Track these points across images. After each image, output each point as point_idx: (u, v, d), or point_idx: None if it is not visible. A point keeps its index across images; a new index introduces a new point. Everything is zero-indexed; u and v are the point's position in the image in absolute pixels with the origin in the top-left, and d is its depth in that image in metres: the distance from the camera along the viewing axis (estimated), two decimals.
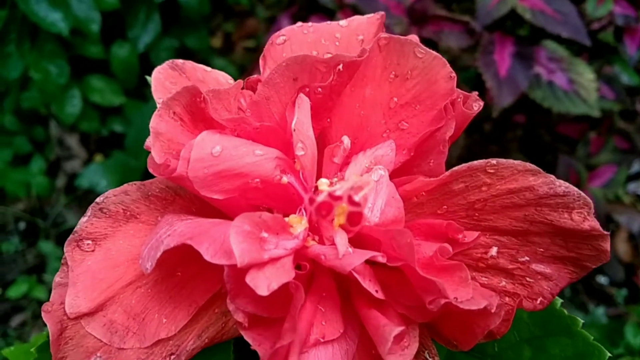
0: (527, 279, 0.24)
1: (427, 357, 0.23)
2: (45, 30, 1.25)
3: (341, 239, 0.22)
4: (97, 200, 0.25)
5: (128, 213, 0.25)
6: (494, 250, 0.24)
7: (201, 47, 1.48)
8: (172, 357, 0.23)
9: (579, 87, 0.83)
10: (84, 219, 0.25)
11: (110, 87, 1.41)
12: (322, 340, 0.22)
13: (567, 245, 0.24)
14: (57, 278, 0.25)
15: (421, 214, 0.25)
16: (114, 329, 0.24)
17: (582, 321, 0.29)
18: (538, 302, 0.24)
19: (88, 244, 0.25)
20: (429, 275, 0.20)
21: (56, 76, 1.30)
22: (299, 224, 0.22)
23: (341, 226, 0.22)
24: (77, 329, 0.24)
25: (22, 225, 1.65)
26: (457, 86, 0.25)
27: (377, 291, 0.21)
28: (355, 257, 0.21)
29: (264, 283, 0.20)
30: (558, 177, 0.77)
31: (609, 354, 0.28)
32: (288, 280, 0.20)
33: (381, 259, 0.21)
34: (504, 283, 0.24)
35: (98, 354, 0.24)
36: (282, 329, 0.21)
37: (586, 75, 0.83)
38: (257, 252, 0.20)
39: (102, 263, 0.24)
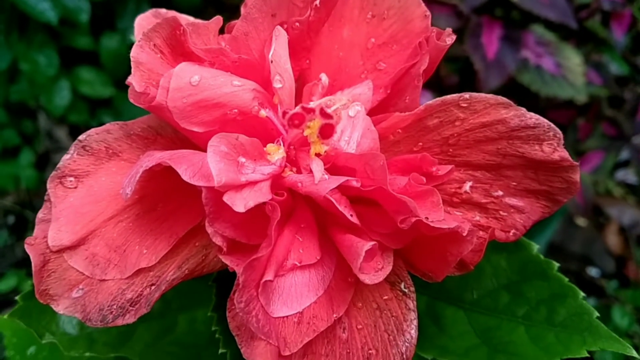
0: (501, 212, 0.25)
1: (403, 288, 0.24)
2: (35, 21, 1.26)
3: (317, 166, 0.22)
4: (80, 137, 0.26)
5: (110, 151, 0.26)
6: (467, 185, 0.25)
7: None
8: (153, 287, 0.24)
9: (566, 71, 0.84)
10: (66, 156, 0.25)
11: (99, 79, 1.41)
12: (298, 264, 0.22)
13: (538, 178, 0.24)
14: (40, 214, 0.25)
15: (398, 152, 0.26)
16: (96, 261, 0.24)
17: (558, 264, 0.30)
18: (511, 234, 0.25)
19: (71, 181, 0.25)
20: (401, 195, 0.21)
21: (45, 67, 1.30)
22: (276, 152, 0.22)
23: (317, 155, 0.23)
24: (59, 262, 0.24)
25: (11, 219, 1.64)
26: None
27: (352, 215, 0.22)
28: (330, 181, 0.22)
29: (240, 201, 0.20)
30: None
31: (582, 294, 0.28)
32: (265, 200, 0.21)
33: (355, 183, 0.22)
34: (478, 217, 0.25)
35: (80, 287, 0.24)
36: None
37: (573, 60, 0.84)
38: (234, 174, 0.21)
39: (85, 199, 0.25)
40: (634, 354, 0.26)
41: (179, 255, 0.24)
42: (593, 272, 1.57)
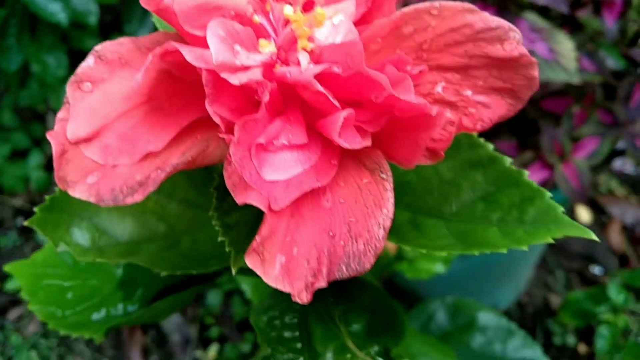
0: (470, 109, 0.28)
1: (381, 174, 0.27)
2: (45, 23, 1.30)
3: (304, 57, 0.25)
4: (96, 48, 0.29)
5: (123, 61, 0.29)
6: (440, 86, 0.28)
7: None
8: (159, 170, 0.27)
9: (559, 56, 0.87)
10: (84, 63, 0.29)
11: None
12: (287, 144, 0.25)
13: (502, 77, 0.27)
14: (59, 114, 0.29)
15: (378, 61, 0.29)
16: (109, 151, 0.27)
17: (528, 172, 0.32)
18: (478, 125, 0.27)
19: (87, 85, 0.29)
20: (376, 73, 0.24)
21: (55, 68, 1.35)
22: (267, 46, 0.26)
23: (303, 49, 0.26)
24: (76, 152, 0.28)
25: (20, 220, 1.68)
26: None
27: (333, 98, 0.25)
28: (315, 68, 0.25)
29: (236, 77, 0.23)
30: (543, 148, 0.82)
31: (549, 194, 0.31)
32: (257, 79, 0.24)
33: (337, 69, 0.25)
34: (449, 114, 0.28)
35: (94, 173, 0.27)
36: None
37: (566, 45, 0.87)
38: (230, 55, 0.24)
39: (100, 100, 0.28)
40: (594, 237, 0.28)
41: (183, 144, 0.27)
42: (596, 270, 1.58)
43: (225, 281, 1.54)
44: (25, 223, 0.33)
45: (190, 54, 0.24)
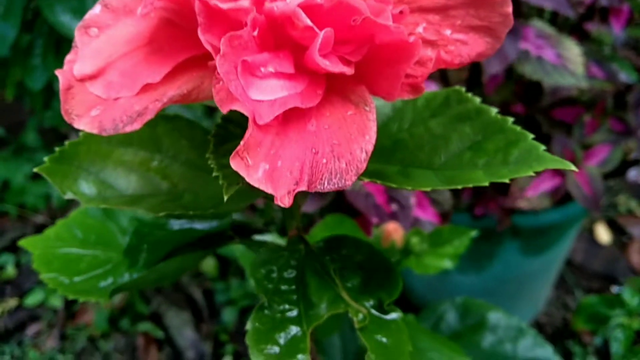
0: (449, 46, 0.29)
1: (365, 106, 0.28)
2: (69, 43, 1.36)
3: None
4: None
5: (127, 9, 0.31)
6: (421, 27, 0.30)
7: None
8: (157, 102, 0.29)
9: (567, 61, 0.88)
10: (91, 11, 0.31)
11: None
12: (274, 72, 0.27)
13: (479, 15, 0.29)
14: (68, 57, 0.31)
15: None
16: (111, 86, 0.29)
17: (512, 119, 0.34)
18: (456, 60, 0.29)
19: (94, 31, 0.31)
20: (354, 3, 0.26)
21: None
22: None
23: None
24: (81, 88, 0.30)
25: None
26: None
27: (317, 29, 0.27)
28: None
29: (225, 4, 0.25)
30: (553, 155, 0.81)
31: (532, 135, 0.32)
32: (246, 6, 0.26)
33: (319, 0, 0.27)
34: (429, 52, 0.29)
35: (97, 107, 0.29)
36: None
37: (573, 50, 0.89)
38: None
39: (105, 43, 0.30)
40: (573, 167, 0.29)
41: (179, 79, 0.29)
42: (616, 290, 1.55)
43: (240, 298, 1.55)
44: (35, 169, 0.35)
45: None
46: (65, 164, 0.37)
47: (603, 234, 1.64)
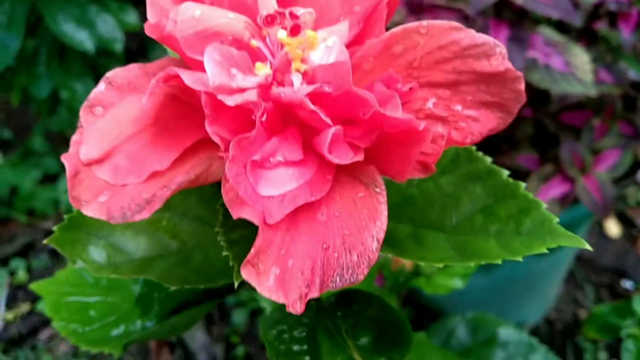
0: (460, 123, 0.29)
1: (375, 188, 0.28)
2: (73, 51, 1.36)
3: (296, 78, 0.27)
4: (107, 74, 0.31)
5: (132, 86, 0.31)
6: (430, 102, 0.29)
7: None
8: (165, 188, 0.28)
9: (575, 69, 0.87)
10: (96, 89, 0.31)
11: None
12: (283, 160, 0.27)
13: (490, 91, 0.28)
14: (73, 138, 0.31)
15: (372, 80, 0.30)
16: (118, 171, 0.29)
17: (525, 184, 0.33)
18: (468, 139, 0.28)
19: (99, 110, 0.30)
20: (363, 92, 0.25)
21: (83, 95, 1.41)
22: (263, 68, 0.27)
23: (297, 70, 0.27)
24: (88, 173, 0.29)
25: None
26: None
27: (325, 116, 0.26)
28: (307, 88, 0.26)
29: (232, 99, 0.25)
30: (563, 162, 0.83)
31: (545, 205, 0.31)
32: (253, 99, 0.25)
33: (327, 88, 0.26)
34: (440, 129, 0.29)
35: (105, 192, 0.29)
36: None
37: (581, 58, 0.87)
38: (226, 78, 0.25)
39: (110, 123, 0.30)
40: (588, 247, 0.29)
41: (187, 163, 0.29)
42: (627, 284, 1.54)
43: (250, 300, 1.56)
44: (45, 241, 0.35)
45: (189, 78, 0.25)
46: (74, 231, 0.37)
47: (613, 227, 1.63)
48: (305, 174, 0.27)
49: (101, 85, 0.31)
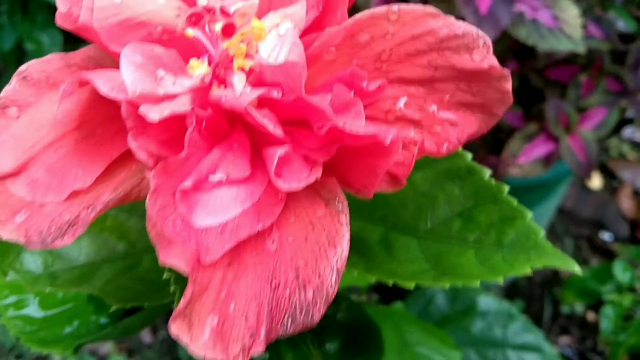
0: (435, 127, 0.25)
1: (337, 204, 0.24)
2: (37, 1, 1.27)
3: (238, 79, 0.22)
4: (20, 69, 0.26)
5: (51, 81, 0.26)
6: (402, 101, 0.25)
7: None
8: (89, 209, 0.24)
9: (563, 24, 0.82)
10: (8, 87, 0.26)
11: None
12: (225, 179, 0.22)
13: (471, 90, 0.24)
14: None
15: (334, 72, 0.25)
16: (36, 187, 0.25)
17: (508, 187, 0.29)
18: (444, 147, 0.24)
19: (13, 111, 0.26)
20: (318, 102, 0.21)
21: (49, 46, 1.33)
22: (199, 67, 0.22)
23: (241, 70, 0.23)
24: (2, 189, 0.25)
25: None
26: None
27: (275, 127, 0.22)
28: (250, 93, 0.22)
29: (156, 111, 0.20)
30: (548, 120, 0.77)
31: (530, 214, 0.28)
32: (183, 110, 0.21)
33: (276, 94, 0.22)
34: (413, 134, 0.25)
35: (22, 212, 0.25)
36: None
37: (570, 12, 0.82)
38: (150, 85, 0.21)
39: (27, 127, 0.25)
40: (577, 269, 0.25)
41: (115, 177, 0.25)
42: (606, 236, 1.55)
43: None
44: None
45: (105, 85, 0.21)
46: None
47: (594, 179, 1.62)
48: (253, 193, 0.23)
49: (14, 82, 0.26)
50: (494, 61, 0.23)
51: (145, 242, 0.36)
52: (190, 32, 0.23)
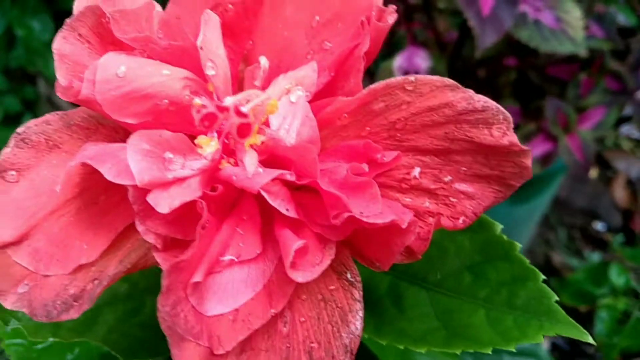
0: (451, 198, 0.24)
1: (350, 277, 0.23)
2: None
3: (250, 159, 0.21)
4: (18, 130, 0.25)
5: (50, 143, 0.25)
6: (416, 171, 0.24)
7: None
8: (95, 282, 0.23)
9: (566, 26, 0.81)
10: (6, 149, 0.25)
11: None
12: (236, 260, 0.22)
13: (489, 164, 0.23)
14: None
15: (346, 137, 0.25)
16: (39, 257, 0.24)
17: (520, 245, 0.29)
18: (460, 221, 0.24)
19: (12, 175, 0.25)
20: (335, 190, 0.20)
21: (40, 32, 1.30)
22: (208, 145, 0.22)
23: (252, 147, 0.22)
24: (4, 258, 0.24)
25: None
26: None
27: (287, 210, 0.21)
28: (263, 175, 0.21)
29: (165, 201, 0.20)
30: (546, 120, 0.76)
31: (543, 277, 0.28)
32: (192, 198, 0.20)
33: (290, 177, 0.21)
34: (427, 204, 0.24)
35: (25, 282, 0.24)
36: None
37: (573, 13, 0.81)
38: (159, 171, 0.20)
39: (27, 193, 0.24)
40: (591, 340, 0.25)
41: (120, 249, 0.24)
42: (599, 226, 1.56)
43: None
44: None
45: (111, 171, 0.20)
46: None
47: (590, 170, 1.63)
48: (264, 273, 0.22)
49: (12, 144, 0.25)
50: (514, 138, 0.22)
51: (146, 282, 0.35)
52: (198, 101, 0.22)
